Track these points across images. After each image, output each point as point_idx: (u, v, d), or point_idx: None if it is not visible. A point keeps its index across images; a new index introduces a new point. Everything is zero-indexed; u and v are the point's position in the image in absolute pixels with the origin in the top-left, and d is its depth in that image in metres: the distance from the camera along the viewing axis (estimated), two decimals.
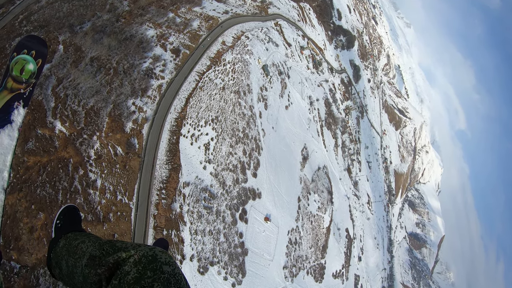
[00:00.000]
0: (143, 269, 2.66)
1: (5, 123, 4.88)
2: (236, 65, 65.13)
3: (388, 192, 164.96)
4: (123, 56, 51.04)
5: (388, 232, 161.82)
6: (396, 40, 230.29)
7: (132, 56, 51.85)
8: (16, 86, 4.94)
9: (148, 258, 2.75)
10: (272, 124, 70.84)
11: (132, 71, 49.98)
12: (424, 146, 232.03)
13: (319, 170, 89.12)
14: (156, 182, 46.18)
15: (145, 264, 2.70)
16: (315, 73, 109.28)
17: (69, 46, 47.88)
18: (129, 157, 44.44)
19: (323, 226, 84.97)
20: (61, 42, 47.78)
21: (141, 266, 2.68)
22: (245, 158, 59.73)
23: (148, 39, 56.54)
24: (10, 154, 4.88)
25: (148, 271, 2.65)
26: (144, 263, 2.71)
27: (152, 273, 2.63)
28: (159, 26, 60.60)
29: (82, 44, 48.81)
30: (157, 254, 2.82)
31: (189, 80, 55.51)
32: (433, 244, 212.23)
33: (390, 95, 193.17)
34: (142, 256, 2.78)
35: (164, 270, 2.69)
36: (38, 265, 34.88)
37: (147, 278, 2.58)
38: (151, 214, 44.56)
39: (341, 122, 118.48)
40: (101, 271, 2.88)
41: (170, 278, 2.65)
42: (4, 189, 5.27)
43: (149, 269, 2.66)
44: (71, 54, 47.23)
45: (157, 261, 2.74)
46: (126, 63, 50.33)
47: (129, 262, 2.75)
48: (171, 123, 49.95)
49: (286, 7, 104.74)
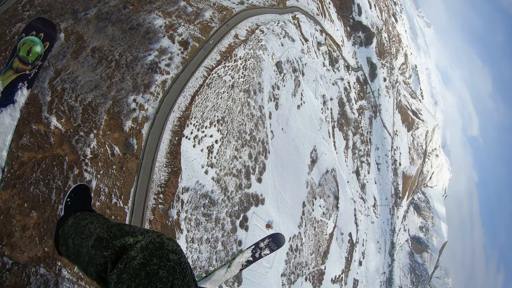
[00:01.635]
0: (149, 256, 2.59)
1: (8, 103, 4.78)
2: (248, 61, 61.46)
3: (394, 195, 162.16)
4: (127, 48, 47.67)
5: (391, 236, 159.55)
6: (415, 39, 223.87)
7: (137, 48, 48.46)
8: (22, 67, 4.84)
9: (155, 245, 2.68)
10: (282, 126, 67.41)
11: (135, 64, 46.68)
12: (434, 149, 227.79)
13: (327, 173, 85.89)
14: (154, 186, 43.58)
15: (152, 251, 2.63)
16: (330, 71, 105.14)
17: (71, 34, 44.65)
18: (126, 158, 41.83)
19: (326, 233, 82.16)
20: (62, 30, 44.52)
21: (147, 252, 2.62)
22: (250, 162, 56.57)
23: (155, 29, 53.06)
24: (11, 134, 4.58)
25: (154, 257, 2.58)
26: (151, 250, 2.64)
27: (158, 260, 2.56)
28: (168, 15, 57.02)
29: (84, 32, 45.47)
30: (164, 241, 2.73)
31: (196, 76, 52.11)
32: (435, 249, 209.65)
33: (405, 95, 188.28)
34: (149, 242, 2.71)
35: (170, 258, 2.60)
36: (30, 263, 34.51)
37: (153, 264, 2.52)
38: (146, 219, 42.36)
39: (354, 123, 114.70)
40: (107, 254, 2.86)
41: (175, 266, 2.57)
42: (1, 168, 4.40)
43: (155, 256, 2.59)
44: (72, 43, 44.02)
45: (163, 248, 2.66)
46: (130, 56, 46.98)
47: (136, 247, 2.70)
48: (174, 122, 46.80)
49: (305, 0, 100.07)
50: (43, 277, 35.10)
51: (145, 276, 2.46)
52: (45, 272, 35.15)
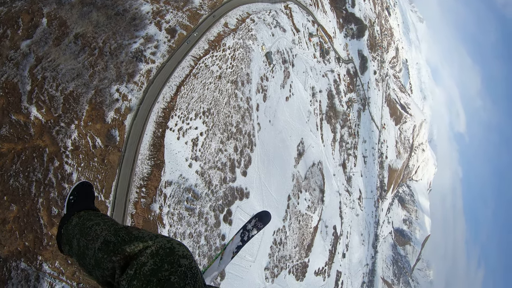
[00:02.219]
0: (160, 261, 2.59)
1: None
2: (237, 51, 60.15)
3: (380, 188, 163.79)
4: (111, 35, 46.03)
5: (375, 228, 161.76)
6: (407, 33, 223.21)
7: (122, 35, 46.84)
8: None
9: (166, 250, 2.68)
10: (269, 118, 66.55)
11: (119, 52, 45.16)
12: (421, 144, 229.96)
13: (314, 166, 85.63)
14: (136, 179, 42.78)
15: (163, 256, 2.63)
16: (321, 62, 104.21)
17: (54, 19, 42.87)
18: (108, 150, 40.88)
19: (311, 226, 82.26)
20: (45, 15, 42.71)
21: (158, 258, 2.62)
22: (235, 155, 55.74)
23: (142, 16, 51.37)
24: None
25: (166, 263, 2.58)
26: (162, 255, 2.64)
27: (169, 265, 2.56)
28: (156, 1, 55.32)
29: (68, 18, 43.67)
30: (174, 246, 2.74)
31: (182, 65, 50.77)
32: (417, 242, 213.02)
33: (394, 89, 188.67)
34: (160, 248, 2.70)
35: (181, 263, 2.61)
36: (11, 257, 34.41)
37: (164, 270, 2.52)
38: (128, 213, 41.76)
39: (342, 116, 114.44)
40: (116, 259, 2.81)
41: (187, 272, 2.58)
42: None
43: (166, 262, 2.59)
44: (54, 29, 42.27)
45: (174, 254, 2.67)
46: (114, 43, 45.41)
47: (146, 253, 2.69)
48: (158, 113, 45.63)
49: None
50: (24, 271, 34.67)
51: (156, 282, 2.45)
52: (26, 267, 34.67)
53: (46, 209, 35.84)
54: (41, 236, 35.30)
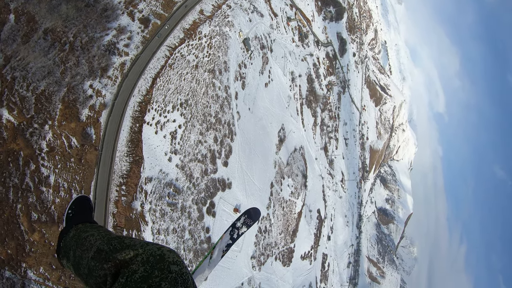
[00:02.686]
0: (151, 268, 2.60)
1: None
2: (214, 39, 59.09)
3: (362, 169, 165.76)
4: (82, 28, 44.35)
5: (359, 208, 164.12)
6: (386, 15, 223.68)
7: (93, 27, 45.20)
8: None
9: (156, 257, 2.68)
10: (248, 105, 66.10)
11: (91, 46, 43.66)
12: (401, 124, 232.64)
13: (295, 151, 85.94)
14: (115, 177, 42.04)
15: (153, 263, 2.64)
16: (300, 47, 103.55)
17: (21, 15, 40.72)
18: (85, 149, 39.87)
19: (295, 212, 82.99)
20: (12, 11, 40.53)
21: (148, 265, 2.62)
22: (216, 146, 55.27)
23: (114, 6, 49.70)
24: None
25: (156, 270, 2.58)
26: (152, 262, 2.65)
27: (160, 272, 2.57)
28: None
29: (36, 12, 41.58)
30: (164, 253, 2.74)
31: (157, 56, 49.62)
32: (400, 220, 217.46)
33: (373, 70, 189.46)
34: (150, 255, 2.71)
35: (171, 269, 2.61)
36: None
37: (155, 277, 2.53)
38: (110, 212, 41.13)
39: (322, 99, 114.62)
40: (107, 267, 2.83)
41: (177, 278, 2.58)
42: None
43: (156, 268, 2.59)
44: (22, 25, 40.26)
45: (164, 261, 2.66)
46: (85, 37, 43.81)
47: (136, 260, 2.69)
48: (134, 108, 44.63)
49: None
50: (9, 280, 33.86)
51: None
52: (11, 275, 33.81)
53: (25, 215, 34.95)
54: (23, 243, 34.50)
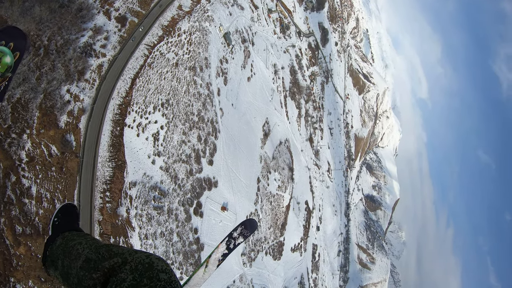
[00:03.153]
0: (140, 277, 2.57)
1: None
2: (193, 35, 58.07)
3: (347, 157, 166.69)
4: (57, 30, 42.85)
5: (346, 197, 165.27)
6: (367, 4, 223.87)
7: (68, 29, 43.73)
8: None
9: (145, 266, 2.66)
10: (231, 101, 65.42)
11: (66, 49, 42.26)
12: (385, 111, 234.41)
13: (281, 145, 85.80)
14: (98, 184, 41.08)
15: (142, 272, 2.61)
16: (282, 38, 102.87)
17: None
18: (65, 157, 38.75)
19: (283, 205, 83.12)
20: None
21: (137, 274, 2.60)
22: (200, 145, 54.59)
23: (89, 5, 48.17)
24: None
25: (145, 278, 2.56)
26: (141, 271, 2.62)
27: (149, 280, 2.55)
28: None
29: (8, 16, 39.73)
30: (153, 261, 2.73)
31: (136, 55, 48.48)
32: (388, 206, 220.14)
33: (356, 59, 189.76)
34: (139, 263, 2.69)
35: (160, 277, 2.59)
36: None
37: (144, 285, 2.51)
38: (95, 220, 40.24)
39: (306, 90, 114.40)
40: (96, 276, 2.82)
41: (166, 286, 2.56)
42: None
43: (145, 277, 2.57)
44: None
45: (153, 269, 2.65)
46: (60, 39, 42.36)
47: (125, 269, 2.67)
48: (114, 111, 43.58)
49: None
50: None
51: None
52: None
53: (9, 228, 33.95)
54: (9, 257, 33.58)
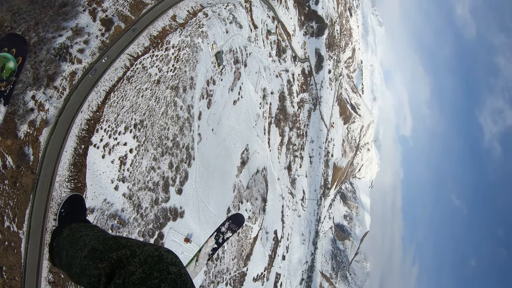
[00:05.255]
0: (149, 270, 2.53)
1: None
2: (182, 51, 54.04)
3: (323, 186, 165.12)
4: (33, 25, 38.20)
5: (316, 225, 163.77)
6: (366, 36, 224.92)
7: (46, 25, 39.09)
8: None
9: (154, 259, 2.62)
10: (212, 126, 61.40)
11: (39, 48, 37.69)
12: (367, 143, 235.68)
13: (258, 173, 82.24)
14: (54, 205, 36.70)
15: (151, 265, 2.57)
16: (276, 62, 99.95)
17: None
18: (20, 171, 34.37)
19: (251, 237, 79.41)
20: None
21: (147, 267, 2.55)
22: (170, 172, 50.20)
23: (75, 1, 43.73)
24: None
25: (155, 271, 2.52)
26: (150, 263, 2.58)
27: (159, 273, 2.50)
28: None
29: None
30: (163, 254, 2.68)
31: (116, 66, 44.11)
32: (356, 238, 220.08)
33: (346, 88, 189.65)
34: (148, 256, 2.64)
35: (170, 270, 2.54)
36: None
37: (154, 278, 2.46)
38: (46, 243, 36.09)
39: (292, 117, 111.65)
40: (102, 266, 2.79)
41: (176, 279, 2.51)
42: None
43: (155, 270, 2.53)
44: None
45: (163, 262, 2.60)
46: (35, 36, 37.73)
47: (134, 261, 2.64)
48: (81, 126, 38.99)
49: None
50: None
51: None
52: None
53: None
54: None
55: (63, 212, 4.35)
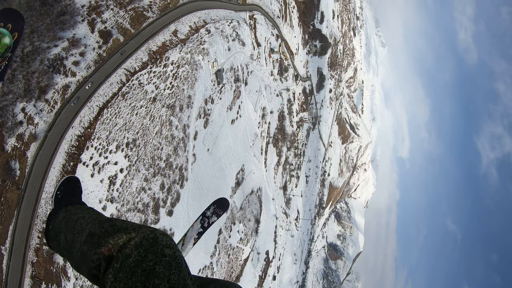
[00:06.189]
0: (144, 252, 2.56)
1: None
2: (181, 68, 52.40)
3: (318, 205, 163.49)
4: (28, 33, 36.58)
5: (309, 245, 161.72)
6: (368, 56, 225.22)
7: (41, 34, 37.43)
8: None
9: (149, 241, 2.65)
10: (208, 146, 59.49)
11: (33, 58, 35.97)
12: (364, 163, 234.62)
13: (252, 194, 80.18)
14: (38, 222, 34.86)
15: (146, 247, 2.60)
16: (277, 80, 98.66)
17: None
18: (6, 186, 32.72)
19: (241, 258, 76.96)
20: None
21: (142, 249, 2.58)
22: (161, 194, 48.10)
23: (74, 10, 42.10)
24: None
25: (150, 254, 2.55)
26: (146, 246, 2.61)
27: (154, 256, 2.53)
28: None
29: None
30: (158, 236, 2.70)
31: (111, 80, 42.29)
32: (349, 258, 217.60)
33: (346, 108, 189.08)
34: (143, 238, 2.67)
35: (165, 253, 2.58)
36: None
37: (149, 261, 2.50)
38: (29, 261, 34.38)
39: (290, 137, 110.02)
40: (100, 251, 2.79)
41: (171, 261, 2.55)
42: None
43: (150, 252, 2.56)
44: None
45: (158, 244, 2.63)
46: (29, 45, 36.05)
47: (130, 244, 2.66)
48: (71, 142, 37.10)
49: None
50: None
51: (141, 273, 2.42)
52: None
53: None
54: None
55: (59, 194, 4.19)
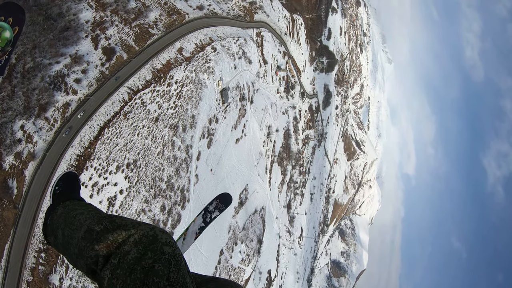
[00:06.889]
0: (144, 249, 2.54)
1: None
2: (186, 87, 51.36)
3: (322, 222, 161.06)
4: (30, 49, 35.81)
5: (312, 262, 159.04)
6: (374, 72, 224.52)
7: (43, 50, 36.66)
8: None
9: (149, 238, 2.63)
10: (211, 166, 58.17)
11: (34, 75, 35.18)
12: (369, 180, 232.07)
13: (255, 213, 78.51)
14: (35, 242, 33.99)
15: (146, 244, 2.58)
16: (284, 98, 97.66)
17: None
18: (2, 205, 32.00)
19: (242, 279, 74.94)
20: None
21: (141, 246, 2.57)
22: (162, 215, 46.75)
23: (78, 25, 41.39)
24: None
25: (149, 251, 2.53)
26: (145, 243, 2.58)
27: (153, 253, 2.51)
28: (102, 8, 45.56)
29: None
30: (157, 234, 2.68)
31: (113, 99, 41.24)
32: (352, 275, 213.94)
33: (352, 124, 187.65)
34: (143, 235, 2.65)
35: (164, 250, 2.55)
36: None
37: (148, 258, 2.47)
38: (24, 280, 33.64)
39: (296, 155, 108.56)
40: (98, 247, 2.76)
41: (170, 259, 2.52)
42: None
43: (149, 250, 2.54)
44: None
45: (157, 242, 2.61)
46: (30, 61, 35.25)
47: (129, 241, 2.64)
48: (70, 161, 36.06)
49: (277, 16, 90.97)
50: None
51: (140, 270, 2.40)
52: None
53: None
54: None
55: (57, 189, 4.04)
